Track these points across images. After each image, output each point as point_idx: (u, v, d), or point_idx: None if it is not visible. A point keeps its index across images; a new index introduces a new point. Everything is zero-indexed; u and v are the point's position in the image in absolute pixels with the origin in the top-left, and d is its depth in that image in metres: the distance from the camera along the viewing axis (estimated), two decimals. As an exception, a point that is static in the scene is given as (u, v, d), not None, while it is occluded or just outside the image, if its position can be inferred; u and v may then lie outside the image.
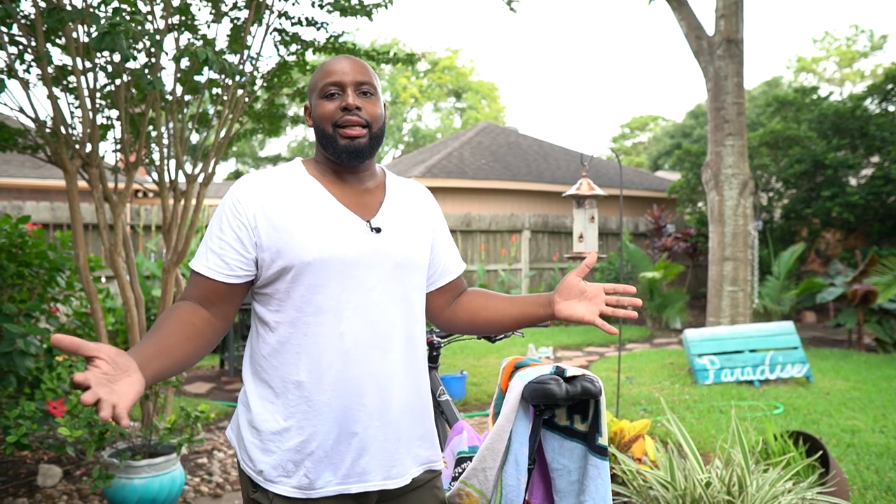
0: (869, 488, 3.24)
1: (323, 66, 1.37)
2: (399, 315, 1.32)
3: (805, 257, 11.05)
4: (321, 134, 1.33)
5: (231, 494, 3.32)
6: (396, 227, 1.35)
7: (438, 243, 1.47)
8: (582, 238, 3.48)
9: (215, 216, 1.32)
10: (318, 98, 1.34)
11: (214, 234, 1.30)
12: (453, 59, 32.63)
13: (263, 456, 1.27)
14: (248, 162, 30.87)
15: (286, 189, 1.31)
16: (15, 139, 3.77)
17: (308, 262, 1.24)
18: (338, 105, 1.31)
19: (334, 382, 1.25)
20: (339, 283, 1.26)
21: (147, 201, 12.15)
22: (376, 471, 1.28)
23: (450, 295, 1.50)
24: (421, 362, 1.38)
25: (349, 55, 1.40)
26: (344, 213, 1.31)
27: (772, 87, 26.73)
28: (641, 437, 2.90)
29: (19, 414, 2.90)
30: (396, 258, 1.32)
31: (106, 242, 3.58)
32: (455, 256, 1.51)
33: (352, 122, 1.30)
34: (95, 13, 2.83)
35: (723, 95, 7.76)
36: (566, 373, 1.46)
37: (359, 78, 1.33)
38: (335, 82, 1.32)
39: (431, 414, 1.41)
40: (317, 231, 1.27)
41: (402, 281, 1.33)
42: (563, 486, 1.49)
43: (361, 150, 1.31)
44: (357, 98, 1.32)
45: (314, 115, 1.35)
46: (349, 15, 3.83)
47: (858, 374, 6.17)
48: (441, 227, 1.49)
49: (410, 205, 1.43)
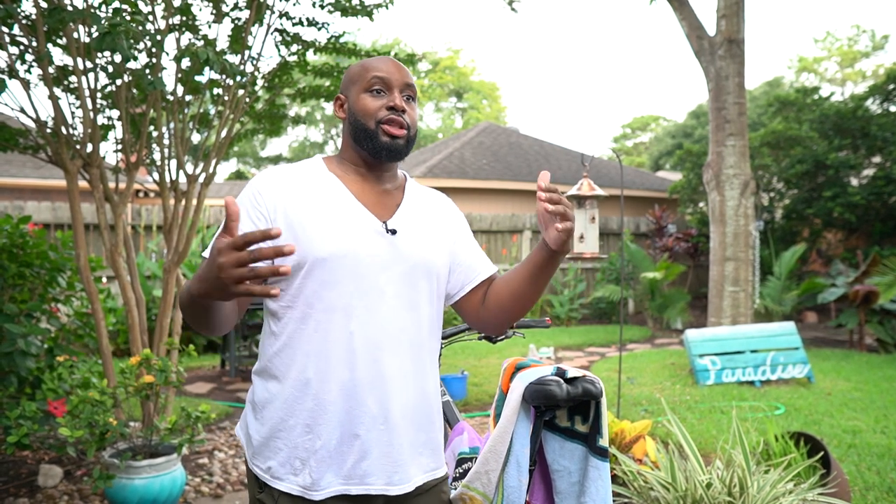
0: (870, 489, 3.24)
1: (366, 62, 1.36)
2: (410, 320, 1.31)
3: (806, 257, 11.04)
4: (360, 129, 1.32)
5: (232, 495, 3.32)
6: (413, 230, 1.34)
7: (463, 249, 1.44)
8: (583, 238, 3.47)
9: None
10: (362, 92, 1.33)
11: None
12: (454, 59, 32.64)
13: (271, 453, 1.28)
14: (250, 162, 30.88)
15: (306, 184, 1.31)
16: (16, 139, 3.78)
17: (322, 259, 1.24)
18: (384, 103, 1.32)
19: (341, 382, 1.25)
20: (351, 281, 1.26)
21: (148, 201, 12.15)
22: (378, 475, 1.28)
23: (481, 295, 1.45)
24: (429, 369, 1.37)
25: (391, 57, 1.40)
26: (361, 212, 1.30)
27: (773, 87, 26.71)
28: (642, 438, 2.90)
29: (20, 414, 2.90)
30: (411, 261, 1.31)
31: (107, 242, 3.58)
32: (483, 259, 1.47)
33: (396, 122, 1.31)
34: (96, 13, 2.84)
35: (724, 95, 7.75)
36: (567, 374, 1.46)
37: (406, 80, 1.35)
38: (383, 79, 1.32)
39: (438, 422, 1.40)
40: (332, 227, 1.26)
41: (415, 285, 1.32)
42: (563, 488, 1.49)
43: (400, 150, 1.33)
44: (402, 100, 1.33)
45: (353, 108, 1.34)
46: (350, 15, 3.83)
47: (860, 374, 6.16)
48: (464, 233, 1.47)
49: (430, 211, 1.42)
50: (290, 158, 30.30)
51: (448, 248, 1.41)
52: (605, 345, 8.34)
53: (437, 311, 1.39)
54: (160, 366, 3.02)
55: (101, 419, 2.82)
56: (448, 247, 1.41)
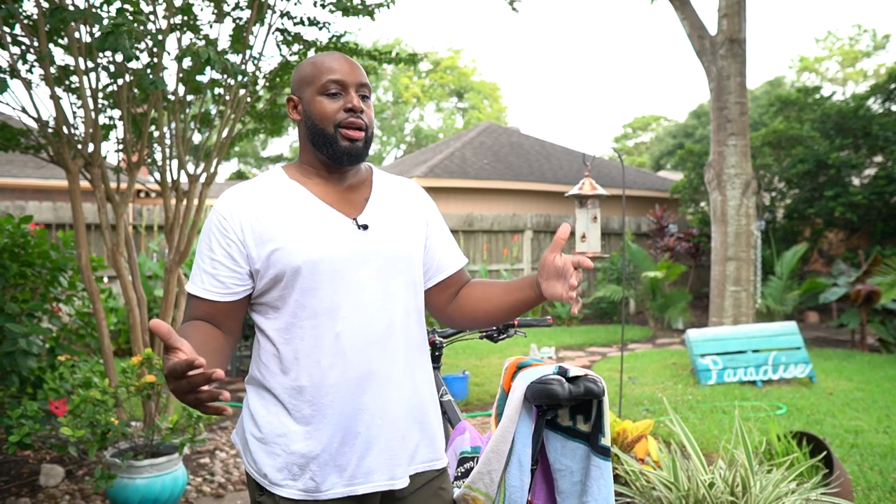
0: (873, 489, 3.23)
1: (317, 60, 1.32)
2: (395, 312, 1.30)
3: (808, 257, 11.03)
4: (318, 133, 1.30)
5: (233, 494, 3.32)
6: (384, 224, 1.33)
7: (433, 239, 1.43)
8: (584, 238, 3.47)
9: (203, 237, 1.30)
10: (317, 94, 1.30)
11: (205, 254, 1.28)
12: (455, 59, 32.62)
13: (269, 459, 1.27)
14: (251, 162, 30.89)
15: (268, 197, 1.29)
16: (18, 139, 3.78)
17: (298, 267, 1.23)
18: (341, 105, 1.29)
19: (336, 384, 1.24)
20: (330, 284, 1.25)
21: (150, 201, 12.16)
22: (381, 470, 1.27)
23: (451, 291, 1.46)
24: (421, 359, 1.37)
25: (342, 53, 1.39)
26: (329, 213, 1.29)
27: (774, 86, 26.67)
28: (644, 438, 2.90)
29: (22, 413, 2.90)
30: (386, 255, 1.31)
31: (108, 242, 3.58)
32: (452, 251, 1.47)
33: (355, 125, 1.29)
34: (98, 13, 2.84)
35: (725, 95, 7.75)
36: (569, 373, 1.45)
37: (360, 80, 1.32)
38: (338, 81, 1.29)
39: (435, 412, 1.40)
40: (304, 234, 1.25)
41: (394, 277, 1.31)
42: (565, 487, 1.49)
43: (359, 153, 1.31)
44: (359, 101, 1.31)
45: (310, 111, 1.31)
46: (351, 14, 3.83)
47: (862, 374, 6.15)
48: (436, 222, 1.46)
49: (399, 200, 1.40)
50: (290, 158, 30.30)
51: (421, 238, 1.40)
52: (607, 344, 8.33)
53: (418, 299, 1.38)
54: (161, 365, 3.01)
55: (103, 419, 2.82)
56: (421, 236, 1.40)
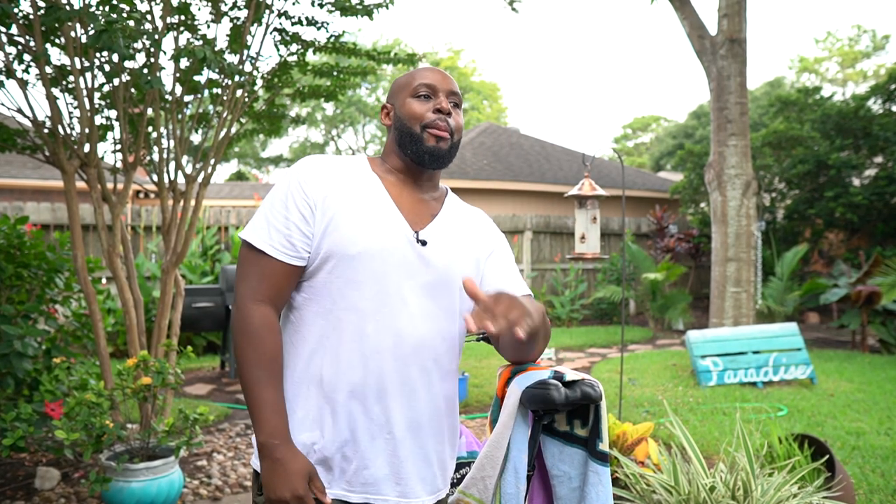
0: (875, 492, 3.21)
1: (413, 71, 1.39)
2: (428, 332, 1.28)
3: (808, 258, 11.01)
4: (406, 133, 1.33)
5: (230, 497, 3.29)
6: (442, 244, 1.32)
7: (494, 269, 1.40)
8: (584, 239, 3.45)
9: (277, 195, 1.27)
10: (408, 97, 1.34)
11: (279, 212, 1.25)
12: (455, 60, 32.63)
13: None
14: (250, 163, 30.86)
15: (348, 179, 1.30)
16: (14, 139, 3.76)
17: (351, 256, 1.23)
18: (430, 107, 1.33)
19: (351, 384, 1.24)
20: (375, 283, 1.24)
21: (148, 202, 12.14)
22: (380, 485, 1.26)
23: None
24: (443, 385, 1.33)
25: (437, 67, 1.40)
26: (396, 217, 1.29)
27: (774, 87, 26.65)
28: (644, 440, 2.87)
29: (16, 416, 2.88)
30: (436, 274, 1.29)
31: (105, 243, 3.56)
32: (514, 283, 1.40)
33: (441, 127, 1.31)
34: (93, 12, 2.82)
35: (726, 95, 7.73)
36: (565, 377, 1.43)
37: (452, 88, 1.36)
38: (429, 85, 1.34)
39: (450, 439, 1.37)
40: (366, 227, 1.25)
41: (438, 298, 1.30)
42: (563, 493, 1.46)
43: (444, 154, 1.33)
44: (448, 104, 1.34)
45: (400, 113, 1.35)
46: (350, 14, 3.81)
47: (863, 375, 6.13)
48: (499, 253, 1.43)
49: (465, 227, 1.40)
50: (290, 159, 30.26)
51: (477, 266, 1.38)
52: (607, 346, 8.31)
53: (457, 327, 1.35)
54: (157, 367, 2.99)
55: (98, 421, 2.80)
56: (477, 265, 1.38)
